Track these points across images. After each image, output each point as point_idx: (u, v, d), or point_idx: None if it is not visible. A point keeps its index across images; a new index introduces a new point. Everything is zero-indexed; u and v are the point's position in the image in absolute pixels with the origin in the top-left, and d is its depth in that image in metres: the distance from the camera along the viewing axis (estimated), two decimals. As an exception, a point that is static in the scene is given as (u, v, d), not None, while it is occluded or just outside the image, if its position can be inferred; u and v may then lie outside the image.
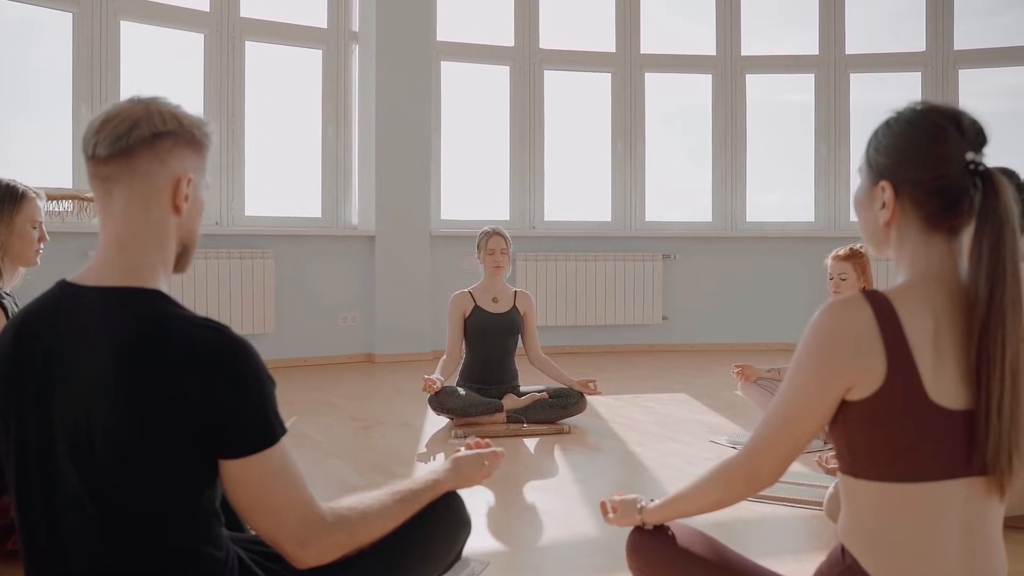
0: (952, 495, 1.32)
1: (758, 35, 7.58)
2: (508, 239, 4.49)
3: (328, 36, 6.72)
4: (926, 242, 1.38)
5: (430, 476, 1.70)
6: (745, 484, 1.48)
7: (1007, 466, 1.32)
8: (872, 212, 1.44)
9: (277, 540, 1.40)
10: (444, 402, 4.15)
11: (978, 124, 1.36)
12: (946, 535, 1.32)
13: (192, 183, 1.42)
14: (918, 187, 1.37)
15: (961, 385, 1.31)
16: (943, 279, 1.36)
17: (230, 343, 1.34)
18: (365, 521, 1.51)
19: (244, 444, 1.34)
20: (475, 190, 7.35)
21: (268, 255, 6.19)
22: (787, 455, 1.43)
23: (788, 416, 1.40)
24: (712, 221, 7.52)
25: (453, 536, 1.71)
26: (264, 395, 1.35)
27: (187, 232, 1.46)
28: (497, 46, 7.21)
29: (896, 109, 1.42)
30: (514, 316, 4.44)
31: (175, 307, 1.38)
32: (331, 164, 6.75)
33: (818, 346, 1.36)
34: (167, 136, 1.39)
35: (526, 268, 6.95)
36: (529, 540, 2.67)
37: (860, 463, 1.36)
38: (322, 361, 6.46)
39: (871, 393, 1.31)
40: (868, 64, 7.50)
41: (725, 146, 7.49)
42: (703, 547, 1.66)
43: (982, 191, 1.33)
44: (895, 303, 1.35)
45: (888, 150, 1.40)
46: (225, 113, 6.27)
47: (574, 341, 7.11)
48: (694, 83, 7.63)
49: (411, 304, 6.62)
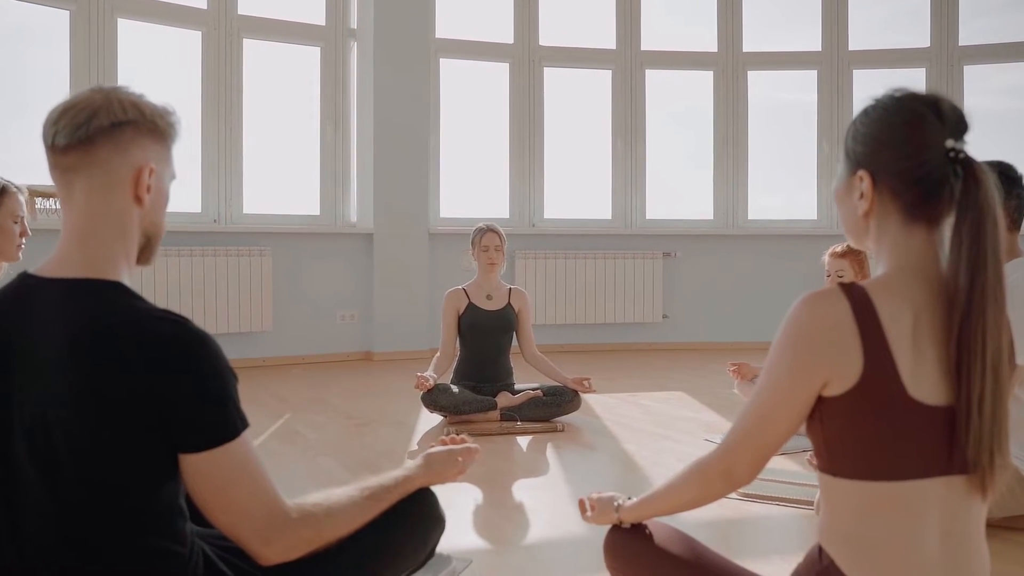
0: (932, 494, 1.27)
1: (760, 31, 7.53)
2: (502, 236, 4.45)
3: (326, 33, 6.70)
4: (906, 233, 1.34)
5: (401, 472, 1.67)
6: (721, 482, 1.45)
7: (988, 464, 1.27)
8: (851, 203, 1.41)
9: (239, 536, 1.38)
10: (437, 400, 4.12)
11: (959, 111, 1.32)
12: (925, 536, 1.28)
13: (155, 173, 1.40)
14: (896, 176, 1.33)
15: (941, 380, 1.27)
16: (923, 271, 1.33)
17: (188, 335, 1.31)
18: (331, 518, 1.48)
19: (203, 438, 1.32)
20: (475, 188, 7.32)
21: (266, 253, 6.17)
22: (763, 453, 1.40)
23: (763, 413, 1.37)
24: (713, 219, 7.47)
25: (425, 533, 1.69)
26: (223, 388, 1.33)
27: (150, 223, 1.43)
28: (496, 43, 7.18)
29: (875, 97, 1.39)
30: (508, 313, 4.41)
31: (134, 299, 1.35)
32: (329, 162, 6.73)
33: (793, 340, 1.32)
34: (127, 125, 1.36)
35: (525, 266, 6.92)
36: (514, 539, 2.64)
37: (837, 461, 1.32)
38: (320, 359, 6.44)
39: (848, 389, 1.28)
40: (872, 60, 7.44)
41: (726, 143, 7.44)
42: (680, 546, 1.63)
43: (963, 180, 1.29)
44: (873, 296, 1.31)
45: (865, 138, 1.36)
46: (223, 111, 6.26)
47: (574, 339, 7.08)
48: (695, 80, 7.58)
49: (409, 302, 6.60)
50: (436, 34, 6.97)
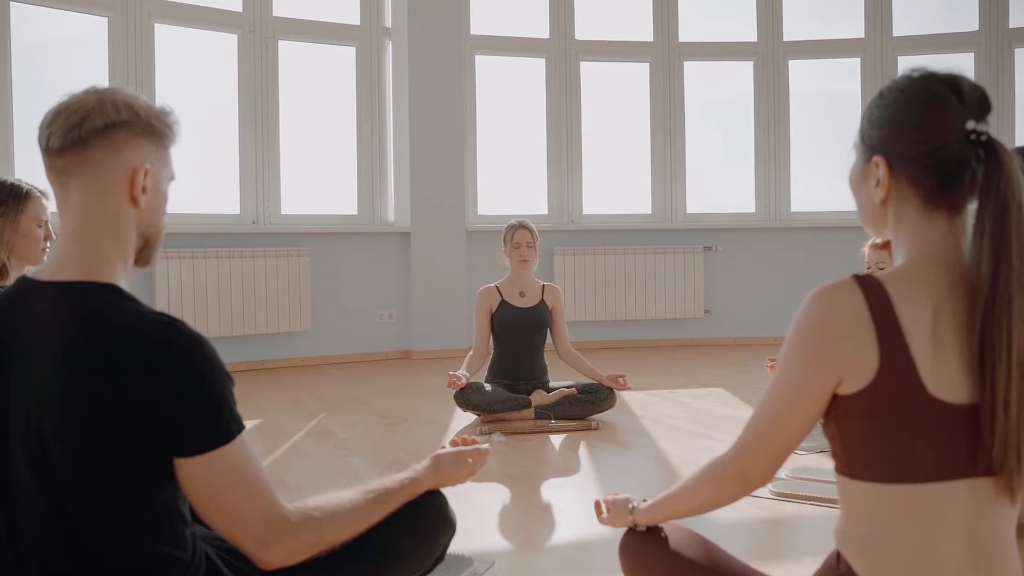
0: (955, 498, 1.19)
1: (801, 19, 7.37)
2: (535, 233, 4.40)
3: (361, 33, 6.71)
4: (925, 221, 1.26)
5: (407, 475, 1.64)
6: (735, 485, 1.39)
7: (1016, 466, 1.19)
8: (867, 191, 1.34)
9: (237, 541, 1.36)
10: (470, 398, 4.09)
11: (980, 90, 1.24)
12: (948, 542, 1.20)
13: (150, 174, 1.38)
14: (913, 161, 1.25)
15: (964, 377, 1.19)
16: (944, 261, 1.25)
17: (181, 337, 1.29)
18: (333, 521, 1.45)
19: (197, 442, 1.29)
20: (512, 185, 7.28)
21: (304, 253, 6.20)
22: (778, 454, 1.33)
23: (777, 412, 1.31)
24: (755, 212, 7.34)
25: (434, 536, 1.65)
26: (217, 391, 1.30)
27: (147, 225, 1.42)
28: (532, 38, 7.13)
29: (892, 78, 1.31)
30: (542, 310, 4.36)
31: (129, 302, 1.34)
32: (366, 161, 6.74)
33: (805, 335, 1.26)
34: (121, 126, 1.35)
35: (564, 262, 6.87)
36: (539, 540, 2.59)
37: (855, 462, 1.25)
38: (358, 358, 6.45)
39: (863, 386, 1.21)
40: (918, 46, 7.23)
41: (768, 135, 7.30)
42: (695, 550, 1.57)
43: (985, 164, 1.21)
44: (889, 288, 1.24)
45: (881, 122, 1.29)
46: (260, 112, 6.30)
47: (614, 336, 7.00)
48: (735, 71, 7.44)
49: (448, 301, 6.58)
50: (471, 31, 6.94)
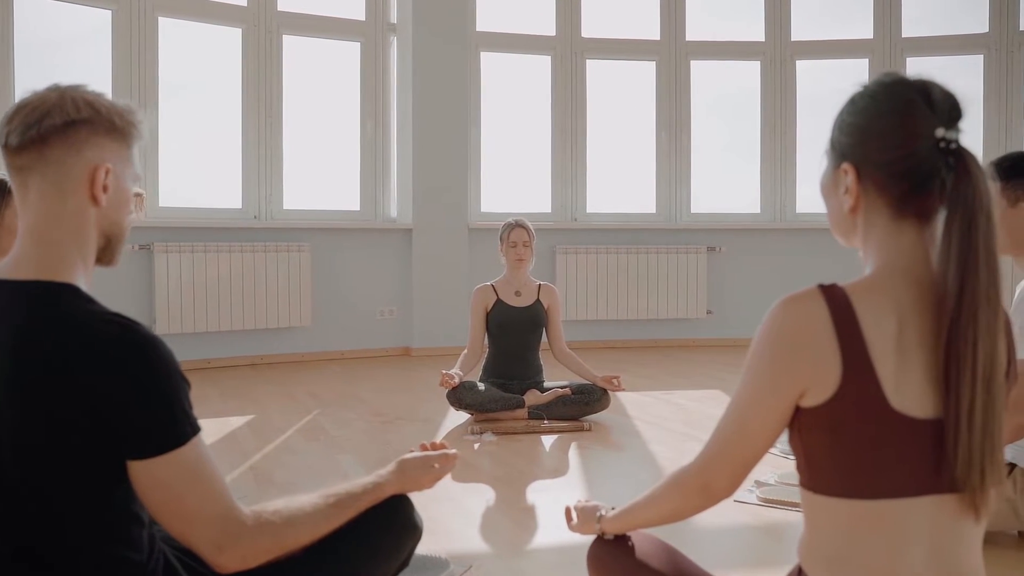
0: (919, 514, 1.17)
1: (809, 20, 7.32)
2: (531, 232, 4.38)
3: (366, 29, 6.70)
4: (894, 230, 1.24)
5: (372, 479, 1.63)
6: (699, 497, 1.37)
7: (979, 483, 1.16)
8: (837, 198, 1.31)
9: (193, 544, 1.35)
10: (463, 397, 4.08)
11: (952, 97, 1.21)
12: (912, 558, 1.18)
13: (112, 173, 1.37)
14: (882, 168, 1.22)
15: (929, 391, 1.17)
16: (912, 271, 1.22)
17: (136, 338, 1.28)
18: (292, 526, 1.44)
19: (150, 444, 1.28)
20: (516, 182, 7.26)
21: (304, 248, 6.20)
22: (742, 466, 1.31)
23: (741, 424, 1.28)
24: (760, 212, 7.29)
25: (398, 541, 1.64)
26: (172, 393, 1.29)
27: (110, 224, 1.41)
28: (538, 36, 7.10)
29: (863, 83, 1.29)
30: (538, 310, 4.34)
31: (85, 302, 1.33)
32: (370, 157, 6.73)
33: (769, 345, 1.24)
34: (82, 124, 1.34)
35: (566, 260, 6.85)
36: (520, 543, 2.57)
37: (818, 477, 1.22)
38: (358, 355, 6.45)
39: (826, 399, 1.18)
40: (927, 47, 7.17)
41: (774, 135, 7.26)
42: (661, 560, 1.56)
43: (954, 172, 1.19)
44: (853, 299, 1.22)
45: (851, 128, 1.26)
46: (263, 107, 6.30)
47: (616, 336, 6.98)
48: (742, 70, 7.40)
49: (449, 298, 6.57)
50: (477, 27, 6.92)
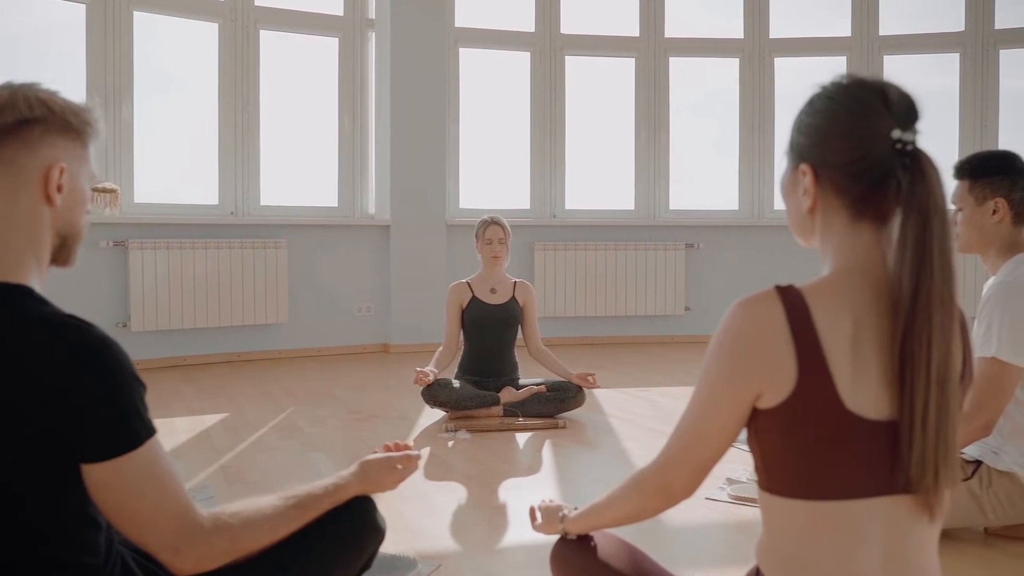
0: (875, 515, 1.18)
1: (788, 17, 7.34)
2: (507, 229, 4.38)
3: (344, 24, 6.67)
4: (852, 231, 1.24)
5: (333, 480, 1.62)
6: (659, 498, 1.37)
7: (933, 483, 1.17)
8: (796, 199, 1.32)
9: (149, 547, 1.34)
10: (437, 395, 4.07)
11: (909, 98, 1.21)
12: (867, 559, 1.18)
13: (66, 172, 1.36)
14: (839, 170, 1.23)
15: (884, 393, 1.17)
16: (868, 272, 1.23)
17: (90, 341, 1.27)
18: (249, 528, 1.43)
19: (102, 448, 1.27)
20: (495, 178, 7.25)
21: (281, 245, 6.17)
22: (700, 468, 1.31)
23: (698, 427, 1.29)
24: (738, 210, 7.32)
25: (359, 543, 1.63)
26: (125, 395, 1.28)
27: (64, 224, 1.39)
28: (517, 31, 7.09)
29: (822, 84, 1.29)
30: (513, 307, 4.34)
31: (37, 303, 1.31)
32: (347, 153, 6.70)
33: (723, 348, 1.24)
34: (35, 123, 1.33)
35: (545, 257, 6.85)
36: (490, 541, 2.57)
37: (775, 478, 1.23)
38: (336, 351, 6.43)
39: (781, 400, 1.19)
40: (904, 45, 7.21)
41: (753, 132, 7.28)
42: (622, 560, 1.57)
43: (909, 173, 1.19)
44: (809, 300, 1.22)
45: (808, 129, 1.27)
46: (240, 103, 6.26)
47: (595, 332, 6.99)
48: (721, 68, 7.42)
49: (427, 294, 6.54)
50: (456, 23, 6.90)
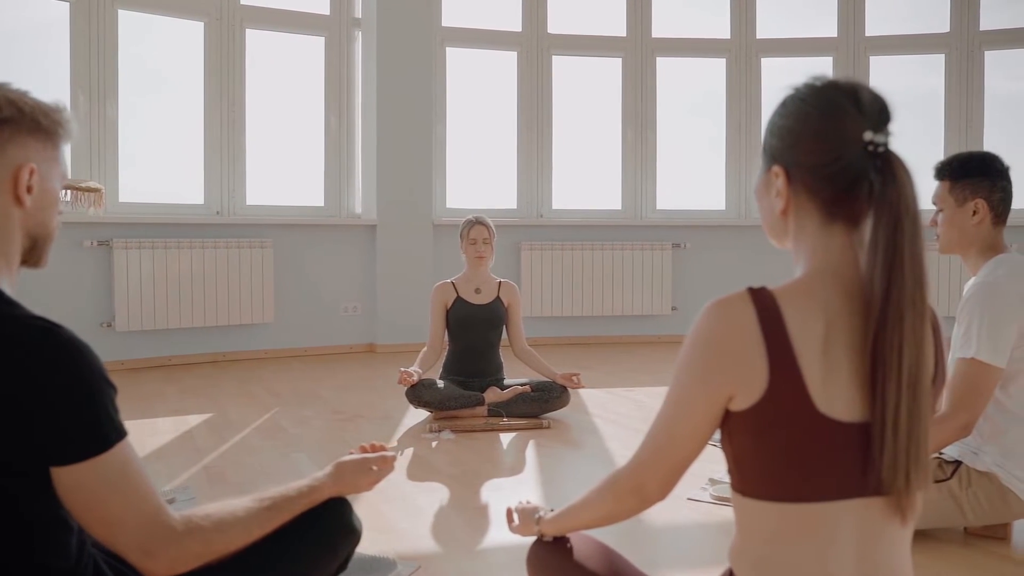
0: (847, 517, 1.18)
1: (774, 18, 7.35)
2: (491, 229, 4.37)
3: (330, 23, 6.65)
4: (824, 233, 1.24)
5: (308, 482, 1.61)
6: (633, 500, 1.37)
7: (904, 485, 1.17)
8: (769, 200, 1.32)
9: (120, 550, 1.33)
10: (421, 395, 4.07)
11: (881, 100, 1.21)
12: (839, 562, 1.18)
13: (36, 173, 1.35)
14: (811, 172, 1.23)
15: (856, 395, 1.17)
16: (841, 275, 1.23)
17: (60, 342, 1.26)
18: (222, 530, 1.42)
19: (73, 450, 1.26)
20: (482, 178, 7.24)
21: (267, 244, 6.15)
22: (674, 470, 1.31)
23: (670, 429, 1.28)
24: (725, 209, 7.33)
25: (333, 544, 1.62)
26: (94, 398, 1.27)
27: (35, 225, 1.39)
28: (504, 31, 7.09)
29: (794, 86, 1.29)
30: (497, 307, 4.34)
31: (6, 305, 1.30)
32: (334, 153, 6.69)
33: (695, 350, 1.24)
34: (4, 124, 1.33)
35: (531, 257, 6.84)
36: (470, 542, 2.57)
37: (748, 480, 1.23)
38: (322, 351, 6.41)
39: (753, 403, 1.19)
40: (890, 46, 7.24)
41: (740, 132, 7.29)
42: (598, 562, 1.56)
43: (881, 175, 1.19)
44: (781, 302, 1.22)
45: (781, 131, 1.27)
46: (226, 102, 6.23)
47: (581, 332, 6.99)
48: (708, 68, 7.43)
49: (413, 294, 6.53)
50: (442, 22, 6.89)
